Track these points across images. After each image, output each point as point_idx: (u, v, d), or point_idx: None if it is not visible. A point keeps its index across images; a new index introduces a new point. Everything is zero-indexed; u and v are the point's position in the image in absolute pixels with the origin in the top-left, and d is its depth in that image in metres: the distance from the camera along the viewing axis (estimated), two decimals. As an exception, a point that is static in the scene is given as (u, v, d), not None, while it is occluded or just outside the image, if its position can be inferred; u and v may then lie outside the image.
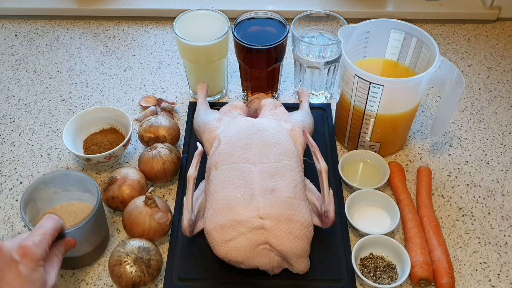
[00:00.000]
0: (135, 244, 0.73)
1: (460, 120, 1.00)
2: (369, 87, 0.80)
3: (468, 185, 0.89)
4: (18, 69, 1.12)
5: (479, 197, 0.88)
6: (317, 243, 0.76)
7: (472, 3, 1.21)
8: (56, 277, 0.64)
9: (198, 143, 0.81)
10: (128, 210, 0.78)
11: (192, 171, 0.75)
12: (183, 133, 0.96)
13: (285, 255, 0.71)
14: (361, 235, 0.79)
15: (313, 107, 0.96)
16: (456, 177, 0.91)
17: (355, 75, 0.80)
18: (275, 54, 0.93)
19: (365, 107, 0.84)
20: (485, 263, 0.79)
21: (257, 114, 0.90)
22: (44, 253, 0.63)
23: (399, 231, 0.82)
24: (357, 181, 0.88)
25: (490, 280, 0.77)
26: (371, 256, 0.78)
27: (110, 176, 0.82)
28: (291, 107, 0.92)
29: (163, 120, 0.91)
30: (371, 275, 0.75)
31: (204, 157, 0.81)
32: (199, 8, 0.98)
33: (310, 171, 0.81)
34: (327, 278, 0.75)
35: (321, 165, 0.76)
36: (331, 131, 0.96)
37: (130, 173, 0.83)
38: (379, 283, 0.74)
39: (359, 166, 0.90)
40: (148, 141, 0.90)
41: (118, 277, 0.71)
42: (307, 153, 0.82)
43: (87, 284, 0.77)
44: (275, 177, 0.73)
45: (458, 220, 0.84)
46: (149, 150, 0.86)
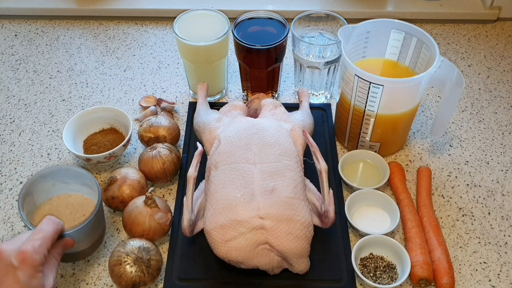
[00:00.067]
0: (135, 244, 0.73)
1: (460, 120, 1.00)
2: (369, 87, 0.80)
3: (468, 185, 0.89)
4: (18, 69, 1.12)
5: (479, 197, 0.88)
6: (317, 243, 0.76)
7: (472, 3, 1.21)
8: (54, 279, 0.64)
9: (198, 143, 0.81)
10: (128, 210, 0.78)
11: (192, 171, 0.76)
12: (183, 133, 0.96)
13: (285, 255, 0.71)
14: (361, 235, 0.79)
15: (313, 107, 0.96)
16: (456, 177, 0.91)
17: (355, 75, 0.80)
18: (275, 54, 0.93)
19: (365, 107, 0.84)
20: (485, 263, 0.79)
21: (257, 114, 0.90)
22: (43, 258, 0.62)
23: (399, 231, 0.82)
24: (357, 181, 0.88)
25: (490, 280, 0.77)
26: (371, 256, 0.78)
27: (110, 176, 0.82)
28: (291, 107, 0.92)
29: (163, 120, 0.91)
30: (371, 275, 0.75)
31: (204, 157, 0.81)
32: (199, 8, 0.98)
33: (310, 171, 0.81)
34: (327, 278, 0.75)
35: (321, 165, 0.76)
36: (331, 131, 0.96)
37: (130, 173, 0.83)
38: (379, 283, 0.74)
39: (359, 166, 0.90)
40: (148, 141, 0.90)
41: (118, 277, 0.71)
42: (307, 153, 0.82)
43: (87, 284, 0.77)
44: (275, 177, 0.73)
45: (458, 220, 0.84)
46: (149, 150, 0.86)
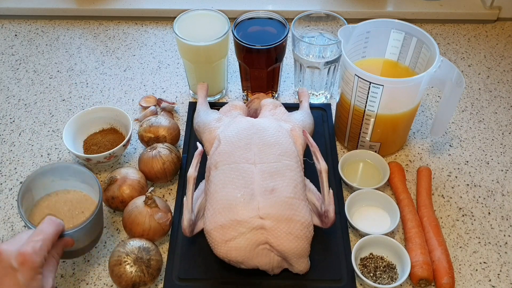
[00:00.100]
0: (135, 244, 0.73)
1: (460, 120, 1.00)
2: (369, 87, 0.80)
3: (468, 185, 0.89)
4: (18, 69, 1.12)
5: (479, 197, 0.88)
6: (317, 243, 0.76)
7: (472, 3, 1.21)
8: (53, 280, 0.64)
9: (198, 143, 0.81)
10: (128, 210, 0.78)
11: (192, 171, 0.76)
12: (183, 133, 0.96)
13: (285, 255, 0.71)
14: (361, 235, 0.79)
15: (313, 107, 0.96)
16: (456, 177, 0.91)
17: (355, 75, 0.80)
18: (275, 54, 0.93)
19: (365, 107, 0.84)
20: (485, 263, 0.79)
21: (257, 114, 0.90)
22: (43, 260, 0.62)
23: (399, 231, 0.82)
24: (357, 181, 0.88)
25: (490, 280, 0.77)
26: (371, 256, 0.78)
27: (110, 176, 0.82)
28: (291, 107, 0.92)
29: (163, 120, 0.91)
30: (371, 275, 0.75)
31: (204, 157, 0.81)
32: (199, 8, 0.98)
33: (310, 171, 0.81)
34: (327, 278, 0.75)
35: (321, 165, 0.76)
36: (331, 131, 0.96)
37: (130, 173, 0.83)
38: (379, 283, 0.74)
39: (359, 166, 0.90)
40: (148, 141, 0.90)
41: (118, 277, 0.71)
42: (307, 153, 0.82)
43: (87, 284, 0.77)
44: (275, 177, 0.73)
45: (458, 220, 0.84)
46: (149, 150, 0.86)
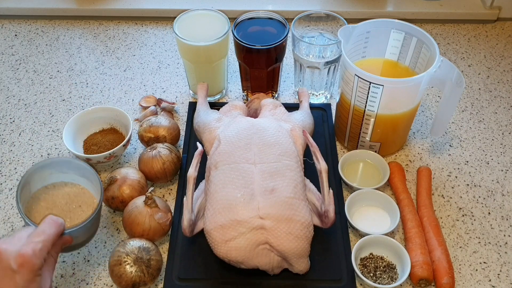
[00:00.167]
0: (135, 244, 0.73)
1: (460, 120, 1.00)
2: (369, 87, 0.80)
3: (468, 185, 0.89)
4: (18, 69, 1.12)
5: (479, 197, 0.88)
6: (317, 243, 0.76)
7: (472, 3, 1.21)
8: (51, 279, 0.63)
9: (198, 143, 0.81)
10: (128, 210, 0.78)
11: (192, 171, 0.76)
12: (183, 133, 0.96)
13: (285, 255, 0.71)
14: (361, 235, 0.79)
15: (313, 107, 0.96)
16: (456, 177, 0.91)
17: (355, 75, 0.80)
18: (275, 54, 0.93)
19: (365, 107, 0.84)
20: (485, 263, 0.79)
21: (257, 114, 0.90)
22: (43, 262, 0.61)
23: (399, 231, 0.82)
24: (357, 181, 0.88)
25: (490, 280, 0.77)
26: (371, 256, 0.78)
27: (110, 176, 0.82)
28: (291, 107, 0.92)
29: (163, 120, 0.91)
30: (371, 275, 0.75)
31: (204, 157, 0.81)
32: (199, 8, 0.98)
33: (310, 171, 0.81)
34: (327, 278, 0.75)
35: (321, 165, 0.76)
36: (331, 131, 0.96)
37: (130, 173, 0.83)
38: (379, 283, 0.74)
39: (359, 166, 0.90)
40: (148, 141, 0.90)
41: (118, 277, 0.71)
42: (307, 153, 0.82)
43: (87, 284, 0.77)
44: (275, 177, 0.73)
45: (458, 220, 0.84)
46: (149, 150, 0.86)
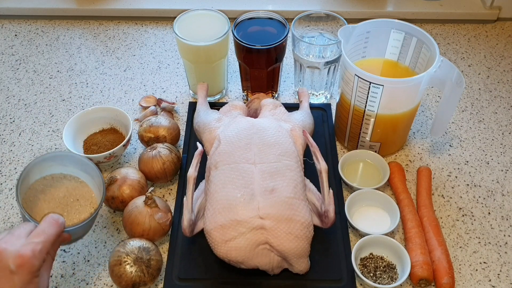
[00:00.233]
0: (135, 244, 0.73)
1: (460, 120, 1.00)
2: (369, 87, 0.80)
3: (468, 185, 0.89)
4: (18, 69, 1.12)
5: (479, 197, 0.88)
6: (317, 243, 0.76)
7: (472, 3, 1.21)
8: (48, 278, 0.62)
9: (198, 143, 0.81)
10: (128, 210, 0.78)
11: (192, 171, 0.76)
12: (183, 133, 0.96)
13: (285, 255, 0.71)
14: (361, 235, 0.79)
15: (313, 107, 0.96)
16: (456, 177, 0.91)
17: (355, 75, 0.80)
18: (275, 54, 0.93)
19: (365, 107, 0.84)
20: (485, 263, 0.79)
21: (257, 114, 0.90)
22: (42, 263, 0.60)
23: (399, 231, 0.82)
24: (357, 181, 0.88)
25: (490, 280, 0.77)
26: (371, 256, 0.78)
27: (110, 176, 0.82)
28: (291, 107, 0.92)
29: (163, 120, 0.91)
30: (371, 275, 0.75)
31: (204, 157, 0.81)
32: (199, 8, 0.98)
33: (310, 171, 0.81)
34: (327, 278, 0.75)
35: (321, 165, 0.76)
36: (331, 131, 0.96)
37: (130, 173, 0.83)
38: (379, 283, 0.74)
39: (359, 166, 0.90)
40: (148, 141, 0.90)
41: (118, 277, 0.71)
42: (307, 153, 0.82)
43: (87, 284, 0.77)
44: (275, 177, 0.73)
45: (458, 220, 0.84)
46: (149, 150, 0.86)
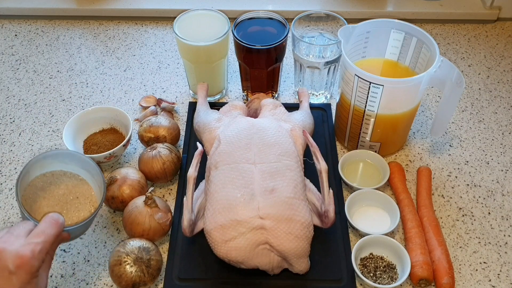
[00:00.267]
0: (135, 244, 0.73)
1: (460, 120, 1.00)
2: (369, 87, 0.80)
3: (468, 185, 0.89)
4: (18, 69, 1.12)
5: (479, 197, 0.88)
6: (317, 243, 0.76)
7: (472, 3, 1.21)
8: (47, 278, 0.62)
9: (198, 143, 0.81)
10: (128, 210, 0.78)
11: (192, 171, 0.76)
12: (183, 133, 0.96)
13: (285, 255, 0.71)
14: (361, 235, 0.79)
15: (313, 107, 0.96)
16: (456, 177, 0.91)
17: (355, 75, 0.80)
18: (275, 54, 0.93)
19: (365, 107, 0.84)
20: (485, 263, 0.79)
21: (257, 114, 0.90)
22: (41, 263, 0.60)
23: (399, 231, 0.82)
24: (357, 181, 0.88)
25: (490, 280, 0.77)
26: (371, 256, 0.78)
27: (110, 176, 0.82)
28: (291, 107, 0.92)
29: (163, 120, 0.91)
30: (371, 275, 0.75)
31: (204, 157, 0.81)
32: (199, 8, 0.98)
33: (310, 171, 0.81)
34: (327, 278, 0.75)
35: (321, 165, 0.76)
36: (331, 131, 0.96)
37: (130, 173, 0.83)
38: (379, 283, 0.74)
39: (359, 166, 0.90)
40: (148, 141, 0.90)
41: (118, 277, 0.71)
42: (307, 153, 0.82)
43: (87, 284, 0.77)
44: (275, 177, 0.73)
45: (458, 220, 0.84)
46: (149, 150, 0.86)
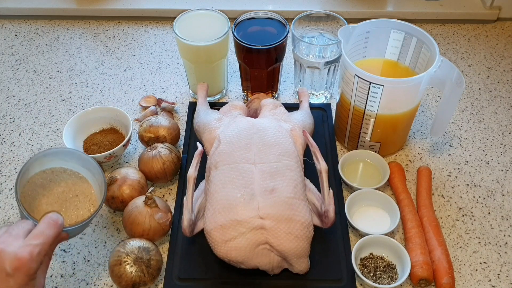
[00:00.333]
0: (135, 244, 0.73)
1: (460, 120, 1.00)
2: (369, 87, 0.80)
3: (468, 185, 0.89)
4: (18, 69, 1.12)
5: (479, 197, 0.88)
6: (317, 243, 0.76)
7: (472, 3, 1.21)
8: (44, 279, 0.62)
9: (198, 143, 0.81)
10: (128, 210, 0.78)
11: (192, 171, 0.76)
12: (183, 133, 0.96)
13: (285, 255, 0.71)
14: (361, 235, 0.79)
15: (313, 107, 0.96)
16: (456, 177, 0.91)
17: (355, 75, 0.80)
18: (275, 54, 0.93)
19: (365, 107, 0.84)
20: (485, 263, 0.79)
21: (257, 114, 0.90)
22: (39, 265, 0.59)
23: (399, 231, 0.82)
24: (357, 181, 0.88)
25: (490, 280, 0.77)
26: (371, 256, 0.78)
27: (110, 176, 0.82)
28: (291, 107, 0.92)
29: (163, 120, 0.91)
30: (371, 275, 0.75)
31: (204, 157, 0.81)
32: (199, 8, 0.98)
33: (310, 171, 0.81)
34: (327, 278, 0.75)
35: (321, 165, 0.76)
36: (331, 131, 0.96)
37: (130, 173, 0.83)
38: (379, 283, 0.74)
39: (359, 166, 0.90)
40: (148, 141, 0.90)
41: (118, 277, 0.71)
42: (307, 153, 0.82)
43: (87, 284, 0.77)
44: (275, 177, 0.73)
45: (458, 220, 0.84)
46: (149, 150, 0.86)
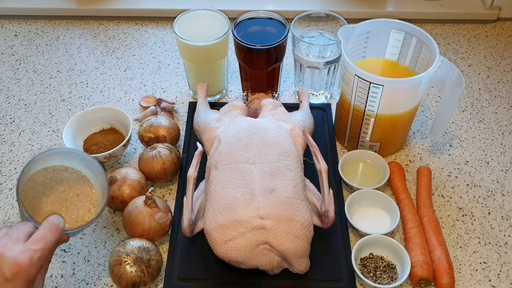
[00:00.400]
0: (135, 244, 0.73)
1: (460, 120, 1.00)
2: (369, 87, 0.80)
3: (468, 185, 0.89)
4: (18, 69, 1.12)
5: (479, 197, 0.88)
6: (317, 243, 0.76)
7: (472, 3, 1.21)
8: (43, 282, 0.61)
9: (198, 143, 0.81)
10: (128, 210, 0.78)
11: (192, 171, 0.76)
12: (183, 133, 0.96)
13: (285, 255, 0.71)
14: (361, 235, 0.79)
15: (313, 107, 0.96)
16: (456, 177, 0.91)
17: (355, 75, 0.80)
18: (275, 54, 0.93)
19: (365, 107, 0.84)
20: (485, 263, 0.79)
21: (257, 114, 0.90)
22: (39, 270, 0.59)
23: (399, 231, 0.82)
24: (357, 181, 0.88)
25: (490, 280, 0.77)
26: (371, 256, 0.78)
27: (110, 176, 0.82)
28: (291, 107, 0.92)
29: (163, 120, 0.91)
30: (371, 275, 0.75)
31: (204, 157, 0.81)
32: (199, 8, 0.98)
33: (310, 171, 0.81)
34: (327, 278, 0.75)
35: (321, 165, 0.76)
36: (331, 131, 0.96)
37: (130, 173, 0.83)
38: (379, 283, 0.74)
39: (359, 166, 0.90)
40: (148, 141, 0.90)
41: (118, 277, 0.71)
42: (307, 153, 0.82)
43: (87, 284, 0.77)
44: (275, 177, 0.73)
45: (458, 220, 0.84)
46: (149, 150, 0.86)
